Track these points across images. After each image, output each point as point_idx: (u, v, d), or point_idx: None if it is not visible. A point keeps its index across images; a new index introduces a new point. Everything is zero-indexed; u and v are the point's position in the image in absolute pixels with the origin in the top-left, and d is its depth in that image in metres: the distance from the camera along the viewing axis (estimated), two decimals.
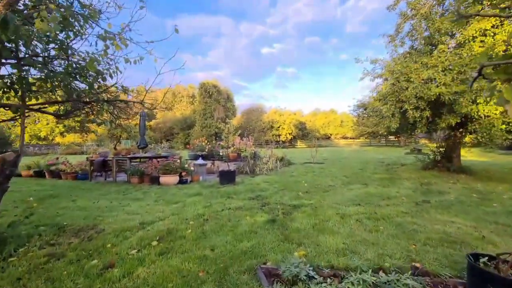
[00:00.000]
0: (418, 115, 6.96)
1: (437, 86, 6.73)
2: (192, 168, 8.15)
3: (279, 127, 41.01)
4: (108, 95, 4.26)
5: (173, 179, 7.64)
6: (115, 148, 22.19)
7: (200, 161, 8.72)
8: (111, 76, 3.67)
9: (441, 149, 9.42)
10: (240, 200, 5.19)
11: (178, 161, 8.53)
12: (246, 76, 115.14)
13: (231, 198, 5.39)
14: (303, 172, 9.64)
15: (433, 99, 6.77)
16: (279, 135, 41.72)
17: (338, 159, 15.15)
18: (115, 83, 3.99)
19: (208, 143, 13.34)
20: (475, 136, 6.53)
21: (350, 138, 59.08)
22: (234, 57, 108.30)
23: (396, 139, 33.93)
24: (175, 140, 43.38)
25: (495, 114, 6.34)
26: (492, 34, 6.48)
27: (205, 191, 6.26)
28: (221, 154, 11.97)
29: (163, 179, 7.58)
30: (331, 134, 59.66)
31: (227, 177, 7.52)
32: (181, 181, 7.83)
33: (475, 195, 5.21)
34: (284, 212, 4.15)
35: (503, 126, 6.25)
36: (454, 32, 6.87)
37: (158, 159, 10.49)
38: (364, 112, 33.02)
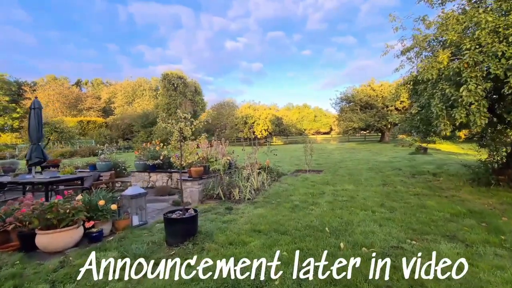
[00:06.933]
0: None
1: None
2: (114, 207, 4.21)
3: (253, 122, 37.35)
4: None
5: (68, 237, 3.67)
6: None
7: (134, 189, 4.78)
8: None
9: (503, 154, 6.58)
10: None
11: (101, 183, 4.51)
12: (210, 70, 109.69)
13: None
14: (308, 195, 6.17)
15: None
16: (253, 132, 38.11)
17: (335, 164, 11.98)
18: None
19: (164, 147, 9.32)
20: None
21: (324, 133, 57.49)
22: (196, 50, 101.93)
23: (378, 134, 32.18)
24: (135, 139, 37.70)
25: None
26: None
27: None
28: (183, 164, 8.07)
29: (43, 239, 3.57)
30: (305, 129, 57.54)
31: (180, 231, 3.75)
32: (90, 237, 3.90)
33: None
34: None
35: None
36: None
37: (66, 184, 6.41)
38: (348, 105, 30.73)
